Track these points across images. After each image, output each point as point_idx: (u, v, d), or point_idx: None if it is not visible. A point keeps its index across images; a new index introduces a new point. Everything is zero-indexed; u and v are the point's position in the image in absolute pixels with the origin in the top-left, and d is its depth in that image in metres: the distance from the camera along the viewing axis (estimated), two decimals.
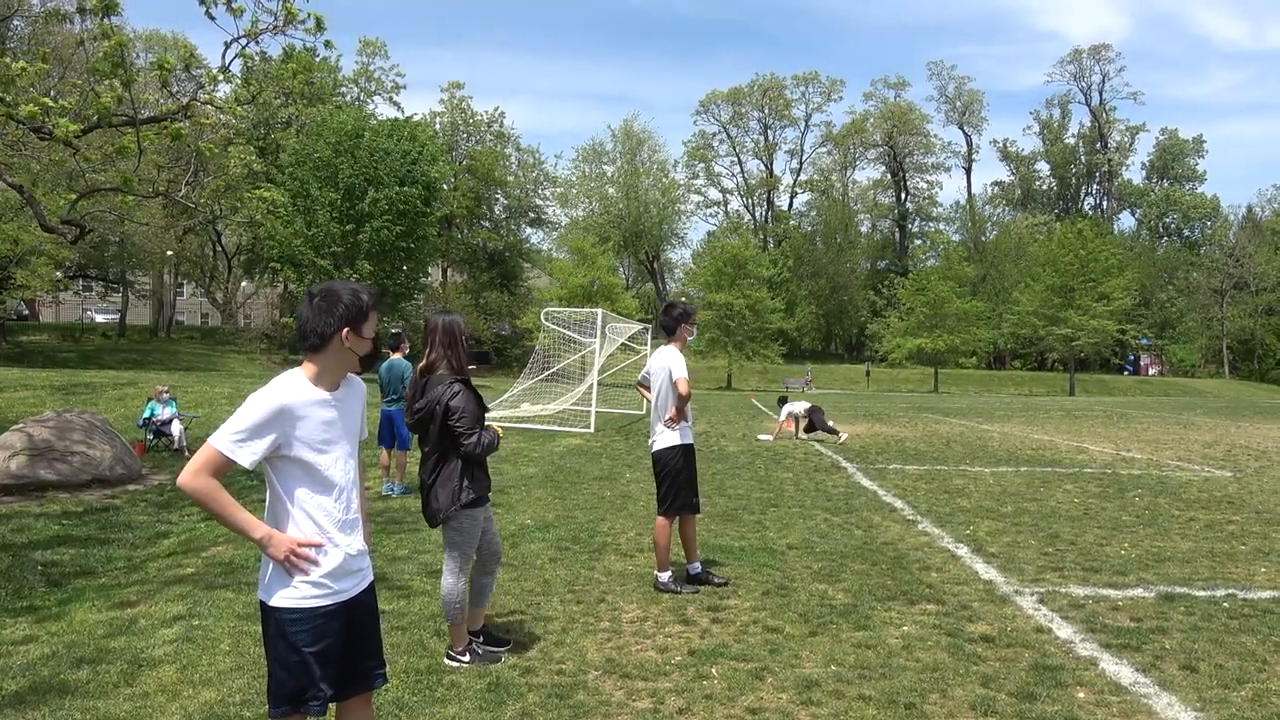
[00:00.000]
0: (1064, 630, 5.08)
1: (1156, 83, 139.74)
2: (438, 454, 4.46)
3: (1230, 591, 5.96)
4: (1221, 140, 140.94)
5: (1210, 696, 4.12)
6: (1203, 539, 7.80)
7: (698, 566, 6.13)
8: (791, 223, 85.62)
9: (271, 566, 2.59)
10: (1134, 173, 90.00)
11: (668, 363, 5.99)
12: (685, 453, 6.02)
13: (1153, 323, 76.81)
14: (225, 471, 2.49)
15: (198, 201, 24.11)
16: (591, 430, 17.55)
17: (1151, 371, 77.21)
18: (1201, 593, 5.93)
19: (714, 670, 4.40)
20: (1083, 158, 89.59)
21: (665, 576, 5.90)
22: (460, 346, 4.52)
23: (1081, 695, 4.12)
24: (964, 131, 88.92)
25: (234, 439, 2.47)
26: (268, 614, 2.60)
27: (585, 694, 4.10)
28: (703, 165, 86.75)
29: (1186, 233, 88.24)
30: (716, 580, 6.06)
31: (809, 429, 17.14)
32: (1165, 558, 7.00)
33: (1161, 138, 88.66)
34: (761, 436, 17.53)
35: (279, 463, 2.57)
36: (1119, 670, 4.44)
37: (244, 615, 5.13)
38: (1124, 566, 6.68)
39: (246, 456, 2.47)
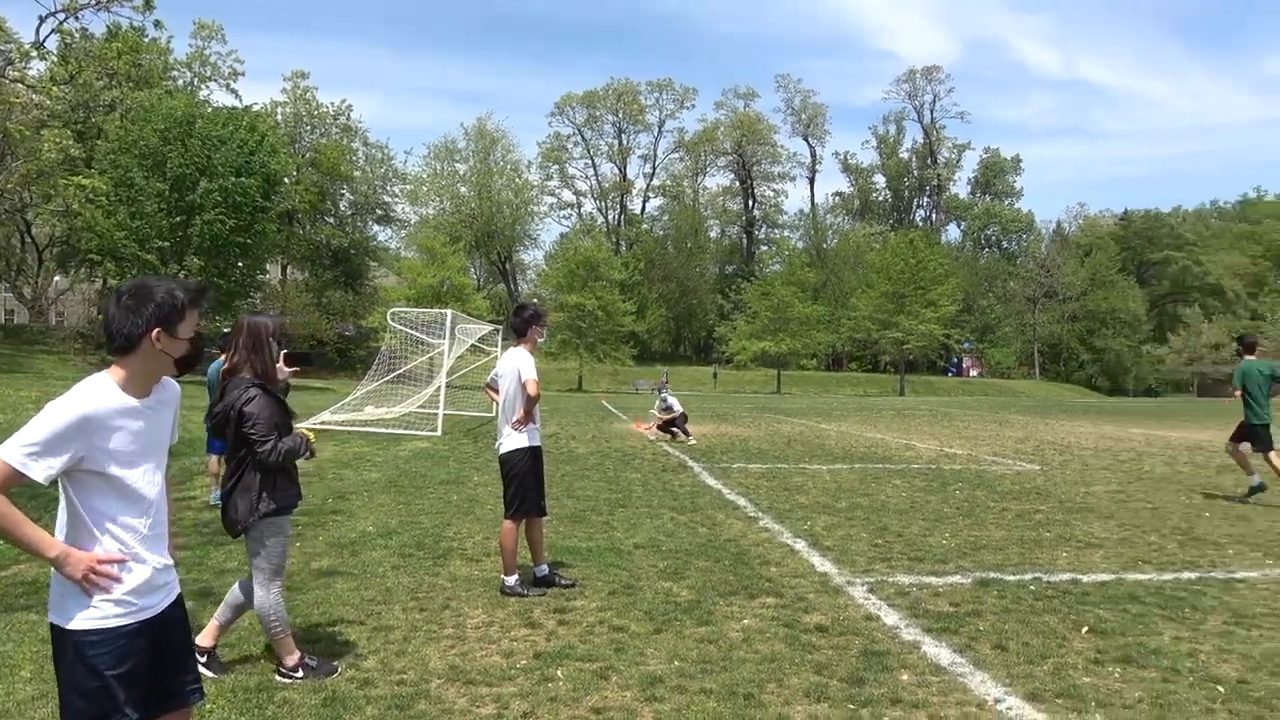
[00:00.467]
0: (891, 617, 5.39)
1: (981, 104, 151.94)
2: (235, 460, 4.27)
3: (1036, 575, 6.48)
4: (1036, 160, 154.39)
5: (1017, 672, 4.46)
6: (1014, 528, 8.45)
7: (544, 569, 6.11)
8: (644, 226, 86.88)
9: (66, 586, 2.37)
10: (960, 187, 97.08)
11: (517, 364, 5.95)
12: (533, 455, 6.01)
13: (974, 327, 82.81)
14: (13, 487, 2.24)
15: (3, 188, 22.01)
16: (439, 433, 17.19)
17: (973, 373, 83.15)
18: (1012, 577, 6.42)
19: (559, 672, 4.40)
20: (915, 172, 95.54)
21: (511, 580, 5.84)
22: (265, 350, 4.27)
23: (905, 677, 4.38)
24: (808, 143, 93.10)
25: (26, 452, 2.22)
26: (62, 638, 2.38)
27: (427, 703, 4.01)
28: (557, 167, 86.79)
29: (1005, 245, 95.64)
30: (563, 582, 6.05)
31: (663, 427, 17.50)
32: (981, 546, 7.54)
33: (985, 156, 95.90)
34: (650, 436, 17.84)
35: (80, 476, 2.35)
36: (939, 652, 4.75)
37: (49, 639, 4.70)
38: (945, 555, 7.15)
39: (41, 472, 2.23)
